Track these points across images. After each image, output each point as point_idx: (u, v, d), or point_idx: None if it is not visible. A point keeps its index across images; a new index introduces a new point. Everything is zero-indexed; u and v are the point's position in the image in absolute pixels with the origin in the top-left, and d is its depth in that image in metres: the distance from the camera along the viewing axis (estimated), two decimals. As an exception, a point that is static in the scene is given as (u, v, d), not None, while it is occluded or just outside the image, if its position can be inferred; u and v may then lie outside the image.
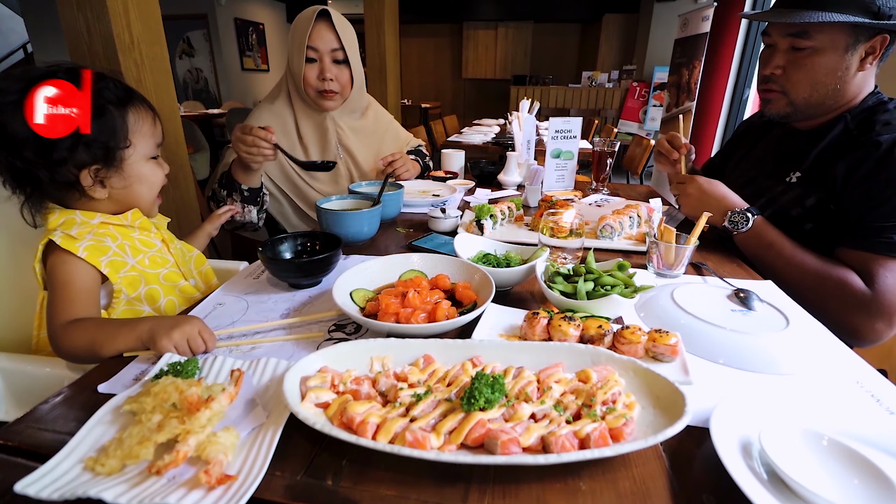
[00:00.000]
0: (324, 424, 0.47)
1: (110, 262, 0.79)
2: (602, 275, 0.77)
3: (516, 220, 1.25)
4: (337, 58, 1.33)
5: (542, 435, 0.47)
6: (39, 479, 0.41)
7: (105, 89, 0.77)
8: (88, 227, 0.79)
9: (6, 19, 7.15)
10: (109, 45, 1.35)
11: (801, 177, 1.00)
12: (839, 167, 0.93)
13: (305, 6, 1.36)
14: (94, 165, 0.77)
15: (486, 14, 7.85)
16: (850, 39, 0.90)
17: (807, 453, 0.46)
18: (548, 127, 1.49)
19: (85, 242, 0.77)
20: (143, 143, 0.83)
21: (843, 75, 0.93)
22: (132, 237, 0.85)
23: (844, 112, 0.98)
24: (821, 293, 0.89)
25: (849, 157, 0.92)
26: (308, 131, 1.43)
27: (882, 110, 0.94)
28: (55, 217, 0.78)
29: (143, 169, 0.84)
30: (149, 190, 0.87)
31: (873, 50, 0.91)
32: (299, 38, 1.29)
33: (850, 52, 0.91)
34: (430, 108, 7.20)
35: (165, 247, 0.92)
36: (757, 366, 0.64)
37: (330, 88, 1.33)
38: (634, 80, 6.03)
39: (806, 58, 0.94)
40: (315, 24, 1.28)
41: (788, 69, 0.98)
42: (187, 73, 7.57)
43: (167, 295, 0.86)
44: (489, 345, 0.61)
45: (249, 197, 1.23)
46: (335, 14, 1.31)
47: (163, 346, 0.62)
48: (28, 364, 0.78)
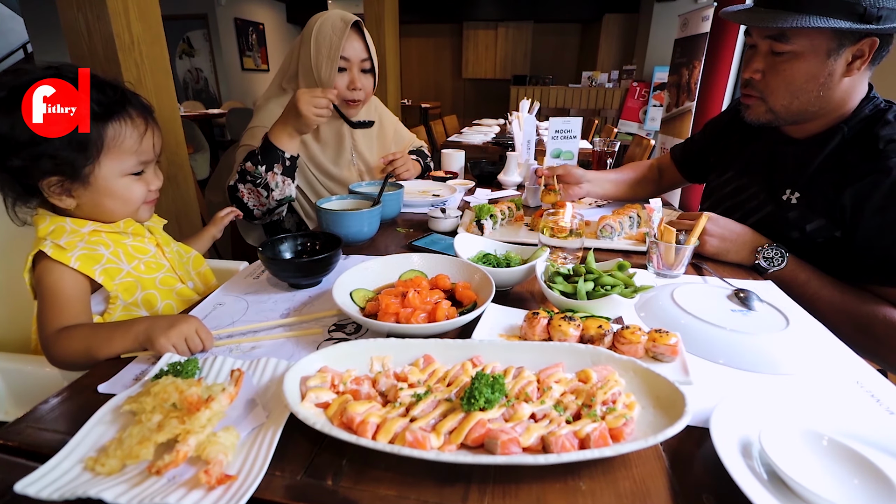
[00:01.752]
0: (324, 424, 0.47)
1: (104, 269, 0.77)
2: (602, 275, 0.77)
3: (516, 220, 1.25)
4: (364, 67, 1.36)
5: (542, 435, 0.47)
6: (39, 479, 0.41)
7: (91, 100, 0.71)
8: (79, 236, 0.77)
9: (6, 19, 7.15)
10: (109, 45, 1.35)
11: (800, 198, 0.94)
12: (847, 196, 0.87)
13: (305, 6, 1.36)
14: (57, 177, 0.73)
15: (486, 14, 7.85)
16: (833, 44, 0.84)
17: (807, 453, 0.46)
18: (548, 127, 1.49)
19: (77, 252, 0.75)
20: (120, 160, 0.77)
21: (827, 81, 0.87)
22: (125, 244, 0.84)
23: (840, 122, 0.92)
24: (870, 335, 0.83)
25: (857, 186, 0.86)
26: (328, 136, 1.44)
27: (882, 122, 0.87)
28: (45, 225, 0.76)
29: (114, 185, 0.78)
30: (122, 206, 0.81)
31: (861, 54, 0.84)
32: (331, 47, 1.29)
33: (833, 57, 0.85)
34: (430, 108, 7.20)
35: (160, 251, 0.90)
36: (757, 366, 0.64)
37: (357, 98, 1.36)
38: (634, 80, 6.03)
39: (785, 62, 0.89)
40: (349, 35, 1.29)
41: (767, 74, 0.92)
42: (187, 73, 7.57)
43: (164, 299, 0.85)
44: (489, 345, 0.61)
45: (290, 167, 1.20)
46: (362, 23, 1.33)
47: (160, 345, 0.62)
48: (28, 364, 0.78)
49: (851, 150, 0.89)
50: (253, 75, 7.96)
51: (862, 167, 0.86)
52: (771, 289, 0.87)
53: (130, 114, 0.77)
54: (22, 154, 0.70)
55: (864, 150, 0.87)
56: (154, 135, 0.81)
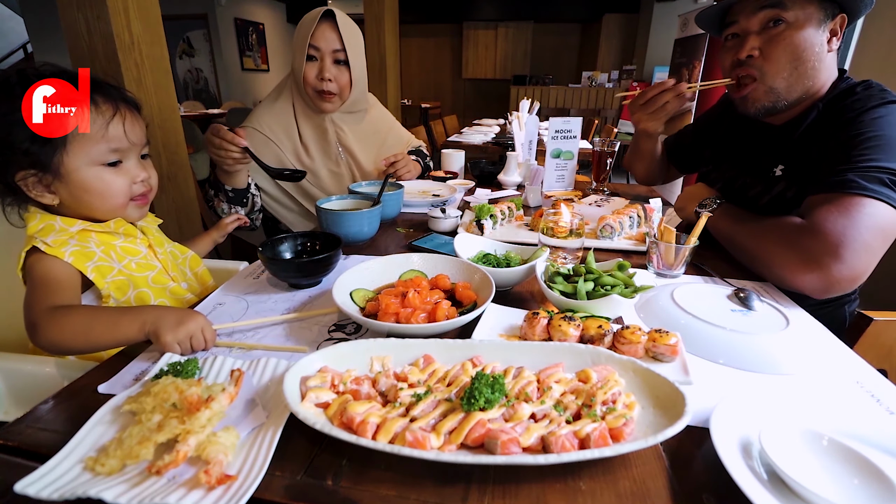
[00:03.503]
0: (324, 424, 0.47)
1: (96, 267, 0.77)
2: (602, 275, 0.77)
3: (516, 220, 1.25)
4: (338, 58, 1.33)
5: (542, 435, 0.47)
6: (39, 479, 0.41)
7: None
8: (69, 234, 0.76)
9: (6, 19, 7.15)
10: (109, 45, 1.36)
11: (784, 169, 0.97)
12: (814, 153, 0.91)
13: (305, 6, 1.36)
14: (31, 171, 0.72)
15: (486, 14, 7.85)
16: (821, 14, 0.89)
17: (807, 453, 0.46)
18: (548, 127, 1.49)
19: (70, 248, 0.74)
20: (85, 149, 0.73)
21: (821, 52, 0.91)
22: (114, 245, 0.82)
23: (816, 101, 0.95)
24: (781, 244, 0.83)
25: (820, 141, 0.91)
26: (308, 132, 1.42)
27: (851, 94, 0.91)
28: (35, 223, 0.76)
29: (86, 176, 0.75)
30: (101, 201, 0.78)
31: (835, 32, 0.90)
32: (302, 37, 1.29)
33: (822, 28, 0.90)
34: (430, 108, 7.19)
35: (152, 252, 0.89)
36: (757, 366, 0.64)
37: (328, 89, 1.33)
38: (634, 80, 6.03)
39: (784, 32, 0.90)
40: (319, 24, 1.28)
41: (765, 48, 0.92)
42: (187, 73, 7.57)
43: (158, 297, 0.85)
44: (489, 345, 0.61)
45: (234, 198, 1.21)
46: (340, 15, 1.31)
47: (167, 343, 0.62)
48: (28, 364, 0.78)
49: (825, 120, 0.93)
50: (253, 75, 7.96)
51: (833, 131, 0.89)
52: (771, 289, 0.87)
53: (95, 99, 0.74)
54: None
55: (836, 117, 0.90)
56: (126, 121, 0.77)
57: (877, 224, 0.76)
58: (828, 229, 0.77)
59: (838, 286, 0.77)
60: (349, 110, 1.45)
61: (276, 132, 1.39)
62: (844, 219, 0.77)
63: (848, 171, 0.80)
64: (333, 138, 1.45)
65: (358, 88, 1.40)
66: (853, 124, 0.85)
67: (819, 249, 0.77)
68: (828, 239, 0.77)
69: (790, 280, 0.81)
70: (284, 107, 1.41)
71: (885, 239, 0.78)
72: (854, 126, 0.85)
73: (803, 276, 0.79)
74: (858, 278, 0.77)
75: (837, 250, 0.76)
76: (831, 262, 0.76)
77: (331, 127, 1.43)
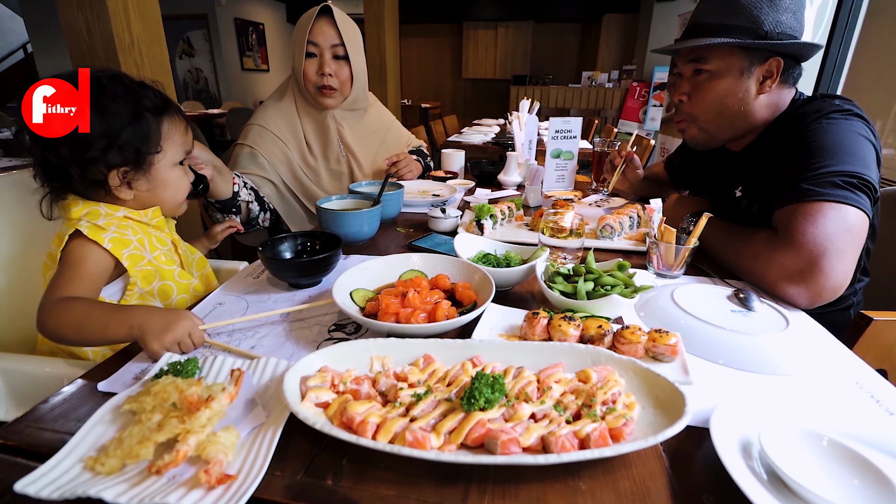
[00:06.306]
0: (324, 424, 0.47)
1: (130, 255, 0.81)
2: (602, 275, 0.77)
3: (516, 220, 1.25)
4: (337, 53, 1.33)
5: (542, 435, 0.47)
6: (39, 479, 0.41)
7: (145, 97, 0.80)
8: (113, 220, 0.81)
9: (6, 19, 7.15)
10: (109, 45, 1.36)
11: (742, 189, 1.03)
12: (767, 170, 0.96)
13: (305, 6, 1.36)
14: (124, 167, 0.79)
15: (486, 14, 7.84)
16: (744, 63, 0.94)
17: (807, 453, 0.46)
18: (548, 127, 1.49)
19: (110, 234, 0.78)
20: (172, 150, 0.85)
21: (745, 97, 0.97)
22: (149, 233, 0.87)
23: (768, 125, 1.00)
24: (753, 256, 0.86)
25: (771, 159, 0.95)
26: (309, 129, 1.43)
27: (798, 111, 0.95)
28: (79, 208, 0.79)
29: (169, 174, 0.86)
30: (173, 195, 0.88)
31: (770, 74, 0.94)
32: (301, 33, 1.29)
33: (746, 75, 0.95)
34: (430, 108, 7.19)
35: (174, 248, 0.93)
36: (757, 366, 0.64)
37: (329, 84, 1.33)
38: (634, 80, 6.02)
39: (706, 81, 0.99)
40: (316, 20, 1.28)
41: (693, 95, 1.02)
42: (187, 73, 7.57)
43: (181, 293, 0.88)
44: (489, 345, 0.61)
45: (222, 208, 1.18)
46: (337, 11, 1.31)
47: (153, 350, 0.62)
48: (28, 364, 0.78)
49: (775, 139, 0.98)
50: (253, 75, 7.96)
51: (781, 147, 0.93)
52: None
53: (176, 109, 0.86)
54: (97, 145, 0.75)
55: (783, 134, 0.95)
56: (190, 130, 0.90)
57: (842, 227, 0.79)
58: (800, 242, 0.79)
59: (825, 295, 0.79)
60: (350, 108, 1.45)
61: (283, 131, 1.39)
62: (812, 226, 0.79)
63: (802, 181, 0.83)
64: (335, 135, 1.45)
65: (358, 84, 1.40)
66: (799, 137, 0.89)
67: (798, 265, 0.79)
68: (802, 252, 0.79)
69: (778, 295, 0.82)
70: (288, 106, 1.41)
71: (853, 239, 0.80)
72: (800, 138, 0.89)
73: (788, 291, 0.81)
74: (840, 286, 0.78)
75: (818, 262, 0.78)
76: (813, 275, 0.78)
77: (332, 124, 1.44)
